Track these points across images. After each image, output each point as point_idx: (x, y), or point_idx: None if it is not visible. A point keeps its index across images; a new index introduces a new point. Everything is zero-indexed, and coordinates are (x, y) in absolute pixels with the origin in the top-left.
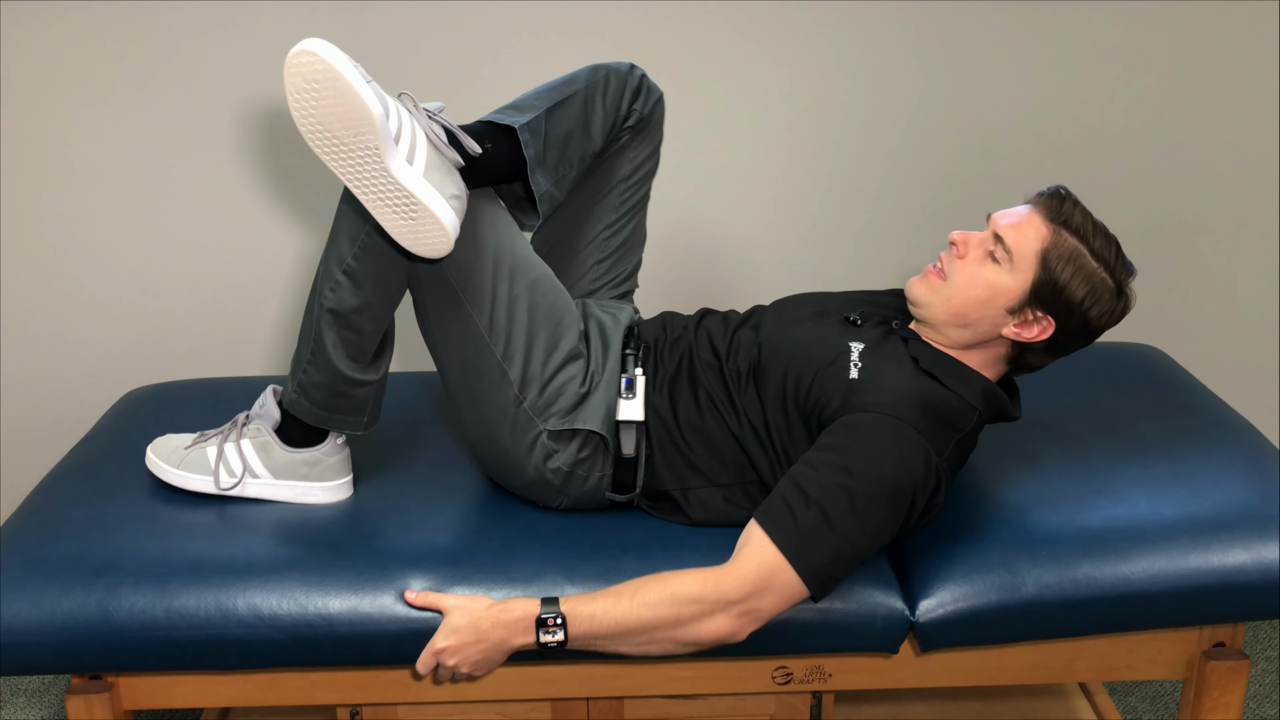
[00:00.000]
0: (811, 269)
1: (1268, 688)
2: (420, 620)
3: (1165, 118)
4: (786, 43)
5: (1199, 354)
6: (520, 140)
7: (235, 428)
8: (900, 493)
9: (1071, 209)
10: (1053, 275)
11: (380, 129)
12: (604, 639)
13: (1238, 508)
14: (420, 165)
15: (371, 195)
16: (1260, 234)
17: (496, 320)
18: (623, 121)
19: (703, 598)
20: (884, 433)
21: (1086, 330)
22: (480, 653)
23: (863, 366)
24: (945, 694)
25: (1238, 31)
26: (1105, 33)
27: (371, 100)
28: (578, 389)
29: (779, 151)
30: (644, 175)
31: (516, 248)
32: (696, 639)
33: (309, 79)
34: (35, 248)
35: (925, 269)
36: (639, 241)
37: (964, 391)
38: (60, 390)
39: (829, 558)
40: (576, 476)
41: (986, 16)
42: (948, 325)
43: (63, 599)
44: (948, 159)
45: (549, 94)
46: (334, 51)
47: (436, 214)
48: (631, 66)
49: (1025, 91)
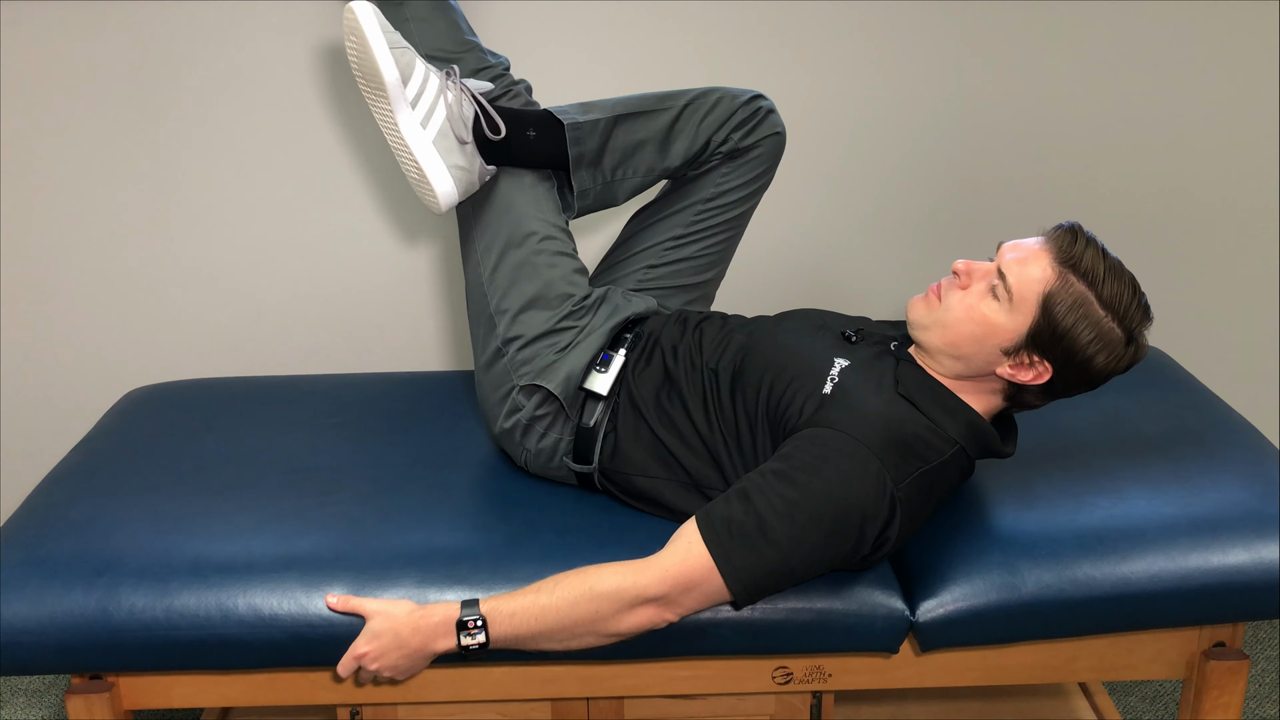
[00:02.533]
0: (811, 269)
1: (1268, 688)
2: None
3: (1165, 118)
4: (794, 45)
5: (1199, 354)
6: (569, 138)
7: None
8: (847, 516)
9: (1083, 250)
10: (1053, 321)
11: (391, 91)
12: (527, 638)
13: (1238, 508)
14: (432, 132)
15: (390, 137)
16: (1260, 234)
17: (497, 277)
18: (716, 146)
19: (621, 593)
20: (839, 452)
21: (1087, 378)
22: (402, 658)
23: (838, 384)
24: (945, 694)
25: (1238, 31)
26: (1105, 33)
27: (387, 65)
28: (554, 354)
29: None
30: (729, 204)
31: (534, 219)
32: (618, 631)
33: (349, 31)
34: (35, 248)
35: (928, 289)
36: (708, 263)
37: (945, 423)
38: (60, 390)
39: (759, 569)
40: (534, 432)
41: (991, 18)
42: (942, 354)
43: (63, 599)
44: (949, 159)
45: (635, 102)
46: (367, 15)
47: (430, 178)
48: (754, 96)
49: (1025, 92)
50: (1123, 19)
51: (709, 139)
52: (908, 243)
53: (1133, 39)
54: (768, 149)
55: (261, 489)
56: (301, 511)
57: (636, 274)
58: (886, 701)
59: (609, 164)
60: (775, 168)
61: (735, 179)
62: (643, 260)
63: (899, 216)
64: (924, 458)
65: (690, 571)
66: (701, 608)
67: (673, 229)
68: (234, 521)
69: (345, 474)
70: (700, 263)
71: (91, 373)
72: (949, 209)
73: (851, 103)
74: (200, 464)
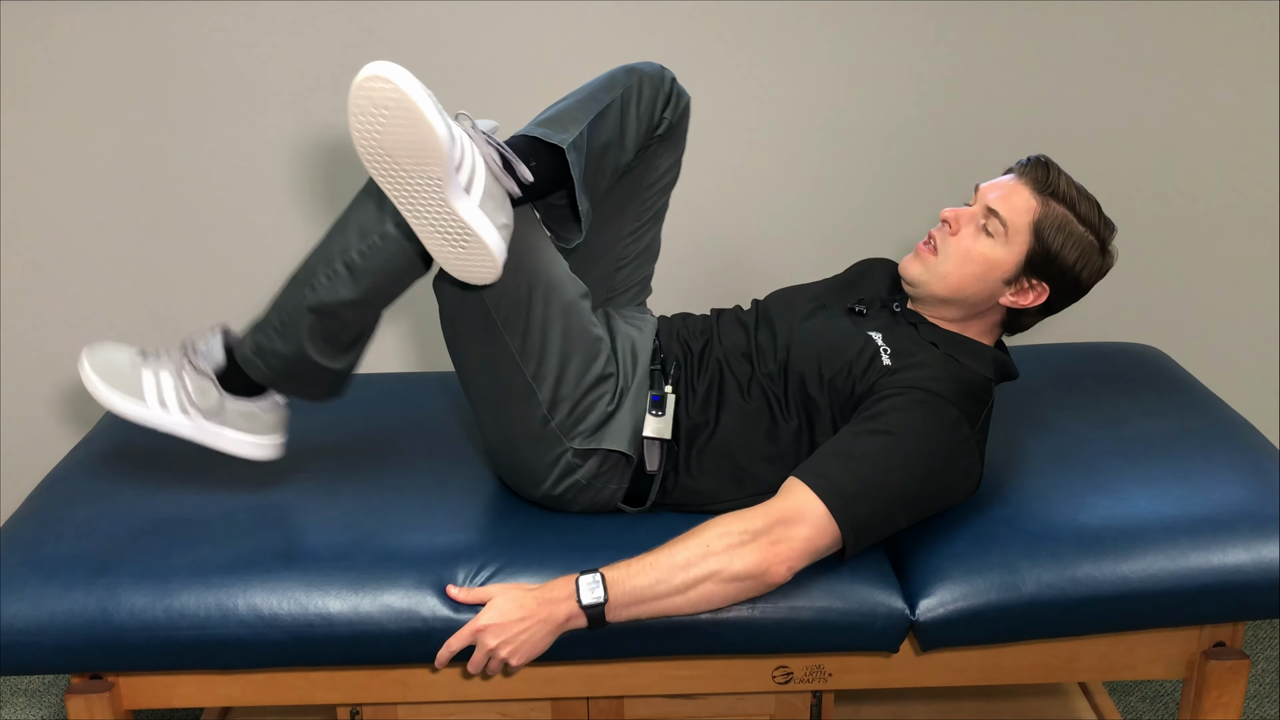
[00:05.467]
0: (808, 266)
1: (1268, 688)
2: (419, 620)
3: (1165, 118)
4: (786, 42)
5: (1199, 354)
6: (568, 161)
7: (179, 356)
8: (941, 463)
9: (1057, 177)
10: (1045, 244)
11: (447, 162)
12: (645, 591)
13: (1238, 507)
14: (477, 195)
15: (424, 222)
16: (1260, 234)
17: (530, 343)
18: (654, 130)
19: (728, 528)
20: (922, 406)
21: (1077, 290)
22: (525, 630)
23: (892, 352)
24: (945, 694)
25: (1238, 31)
26: (1105, 32)
27: (444, 133)
28: (605, 407)
29: (776, 149)
30: (667, 183)
31: (554, 270)
32: (733, 573)
33: (379, 104)
34: (35, 248)
35: (917, 247)
36: (656, 248)
37: (978, 365)
38: (60, 390)
39: (867, 512)
40: (593, 488)
41: (987, 17)
42: (946, 300)
43: (63, 599)
44: (947, 159)
45: (588, 104)
46: (409, 79)
47: (489, 245)
48: (662, 69)
49: (1025, 92)
50: (1122, 19)
51: (649, 123)
52: (908, 243)
53: (1132, 39)
54: (686, 120)
55: (261, 489)
56: (301, 511)
57: (608, 280)
58: (886, 701)
59: (591, 176)
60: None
61: (667, 157)
62: (610, 264)
63: (900, 217)
64: (982, 400)
65: (796, 505)
66: (810, 551)
67: (627, 223)
68: (234, 521)
69: (345, 474)
70: (653, 249)
71: None
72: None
73: (850, 103)
74: (200, 464)
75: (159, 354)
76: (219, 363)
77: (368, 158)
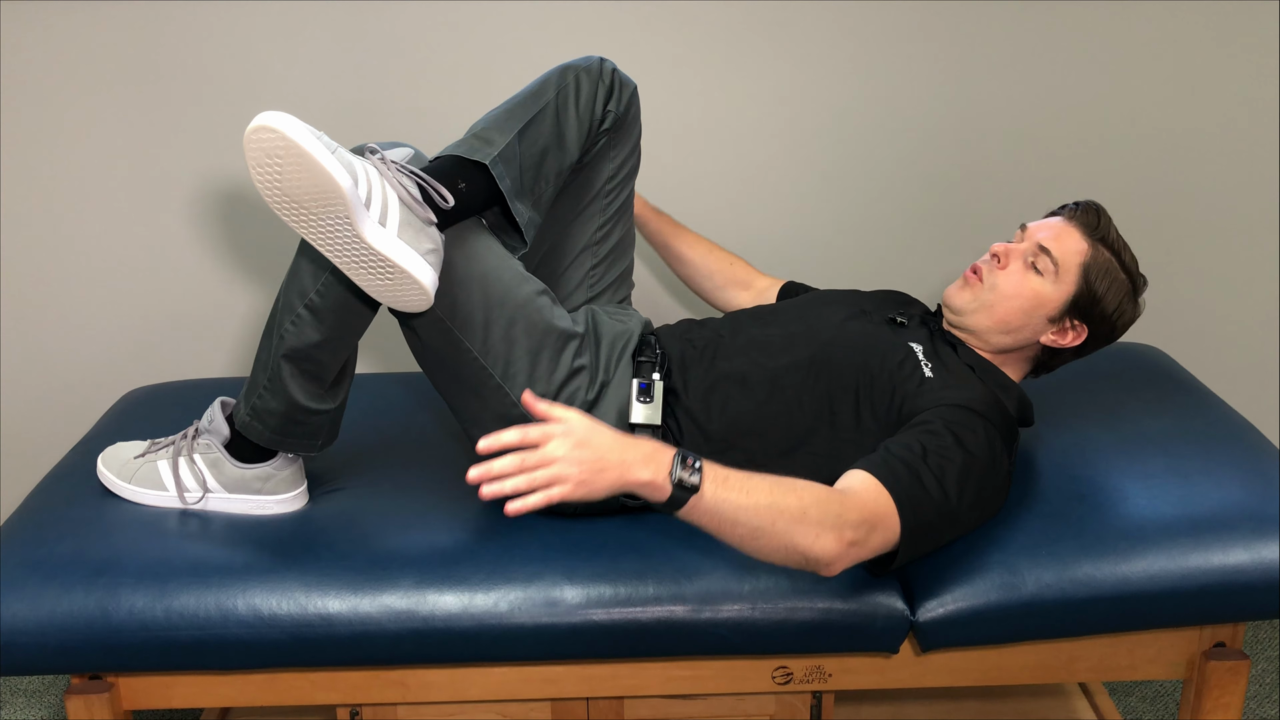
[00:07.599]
0: (809, 266)
1: (1268, 688)
2: (419, 620)
3: (1165, 118)
4: (782, 41)
5: (1199, 354)
6: (494, 175)
7: (186, 440)
8: (990, 492)
9: (1108, 225)
10: (1092, 287)
11: (349, 199)
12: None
13: (1238, 508)
14: (394, 226)
15: (344, 258)
16: (1260, 234)
17: (492, 346)
18: (598, 126)
19: (828, 509)
20: (970, 422)
21: (1111, 335)
22: (598, 463)
23: (933, 365)
24: (945, 694)
25: (1238, 31)
26: (1104, 32)
27: (338, 171)
28: (584, 398)
29: (772, 151)
30: (628, 174)
31: (503, 272)
32: (806, 547)
33: (270, 154)
34: (35, 248)
35: (965, 275)
36: (631, 242)
37: (1004, 398)
38: (60, 390)
39: (927, 542)
40: None
41: (986, 16)
42: (990, 332)
43: (63, 599)
44: (947, 159)
45: (518, 111)
46: (294, 125)
47: (414, 274)
48: (601, 61)
49: (1024, 92)
50: (1123, 19)
51: (590, 120)
52: (907, 243)
53: (1133, 39)
54: (635, 108)
55: None
56: (301, 512)
57: (585, 281)
58: (886, 701)
59: (529, 183)
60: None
61: (623, 149)
62: (584, 264)
63: (898, 217)
64: (1015, 435)
65: (885, 517)
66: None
67: (593, 220)
68: (234, 522)
69: (345, 474)
70: (625, 245)
71: (91, 373)
72: (947, 210)
73: (849, 102)
74: None
75: (168, 442)
76: (225, 436)
77: (274, 204)
